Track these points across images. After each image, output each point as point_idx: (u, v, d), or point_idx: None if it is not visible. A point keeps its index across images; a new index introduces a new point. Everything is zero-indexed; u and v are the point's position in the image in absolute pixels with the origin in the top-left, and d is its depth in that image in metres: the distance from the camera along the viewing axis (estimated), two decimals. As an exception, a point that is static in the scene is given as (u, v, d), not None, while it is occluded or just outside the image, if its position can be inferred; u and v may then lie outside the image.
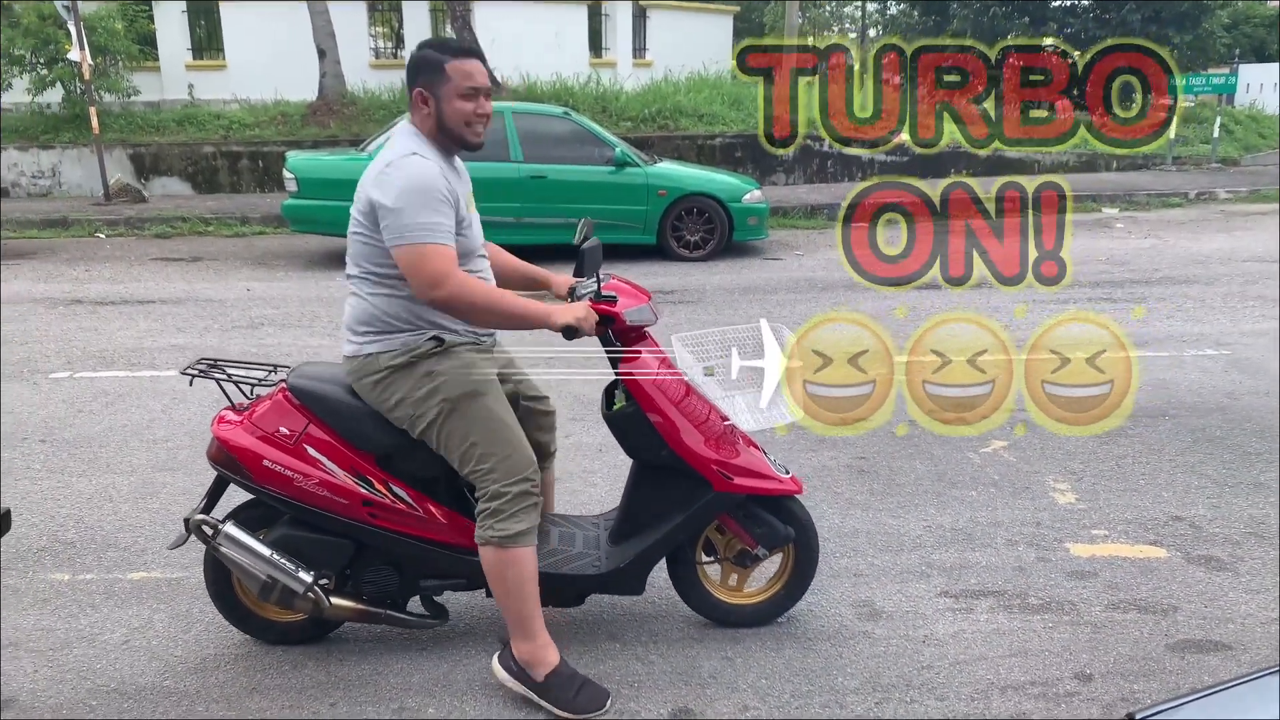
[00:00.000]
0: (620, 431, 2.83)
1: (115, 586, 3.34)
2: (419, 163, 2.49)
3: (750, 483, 2.82)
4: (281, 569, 2.65)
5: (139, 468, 4.38)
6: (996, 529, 3.70)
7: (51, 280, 8.86)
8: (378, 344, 2.62)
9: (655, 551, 2.85)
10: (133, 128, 14.95)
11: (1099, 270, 8.75)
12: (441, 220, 2.45)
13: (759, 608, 3.04)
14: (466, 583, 2.83)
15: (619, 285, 2.81)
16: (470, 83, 2.53)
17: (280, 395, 2.74)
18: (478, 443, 2.57)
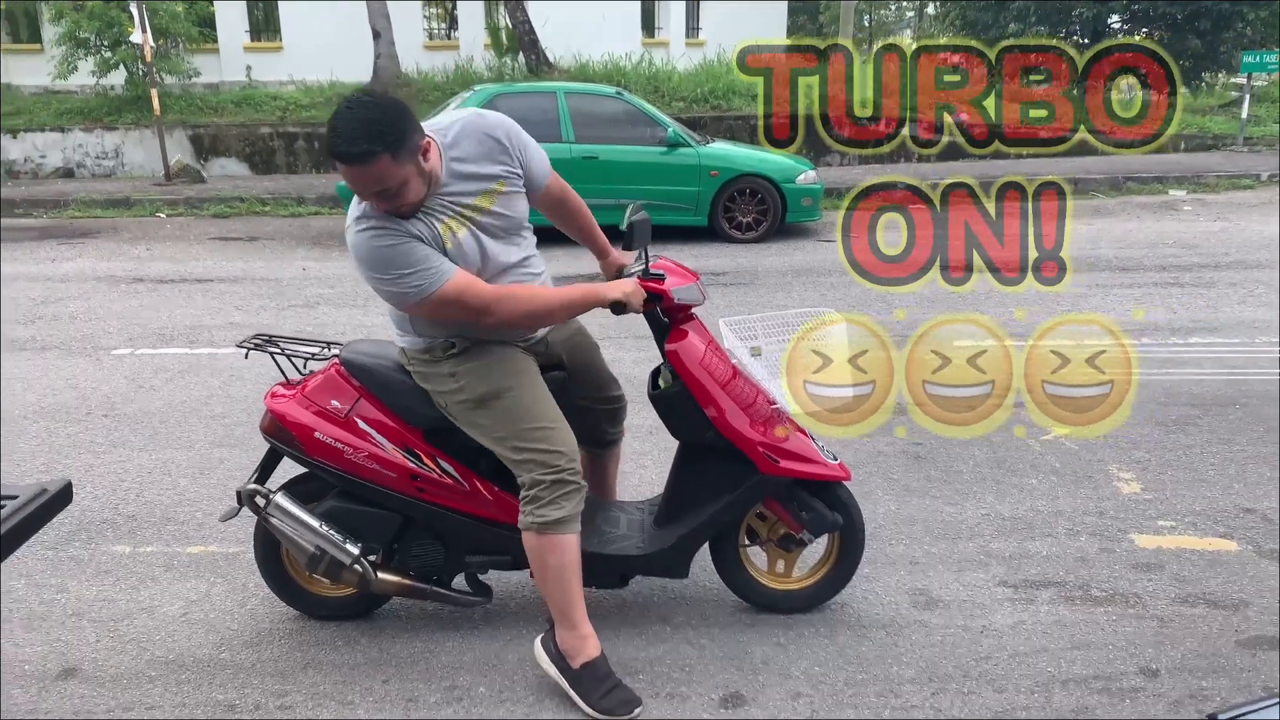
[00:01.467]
0: (665, 412, 2.80)
1: (174, 560, 3.39)
2: (360, 237, 2.32)
3: (797, 467, 2.77)
4: (329, 540, 2.67)
5: (197, 443, 4.45)
6: (1057, 518, 3.61)
7: (114, 258, 9.05)
8: (405, 340, 2.65)
9: (699, 534, 2.82)
10: (192, 109, 15.21)
11: (1166, 254, 8.49)
12: (425, 263, 2.31)
13: (802, 593, 2.99)
14: (512, 561, 2.82)
15: (667, 265, 2.79)
16: (359, 190, 2.27)
17: (333, 370, 2.76)
18: (507, 437, 2.54)
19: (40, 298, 7.36)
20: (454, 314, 2.42)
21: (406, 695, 2.63)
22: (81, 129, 14.77)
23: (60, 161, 14.74)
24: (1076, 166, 13.68)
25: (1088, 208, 11.52)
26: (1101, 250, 8.74)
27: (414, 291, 2.33)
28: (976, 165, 14.26)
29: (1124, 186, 12.71)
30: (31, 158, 14.75)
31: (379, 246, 2.31)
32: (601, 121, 9.47)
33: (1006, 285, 7.33)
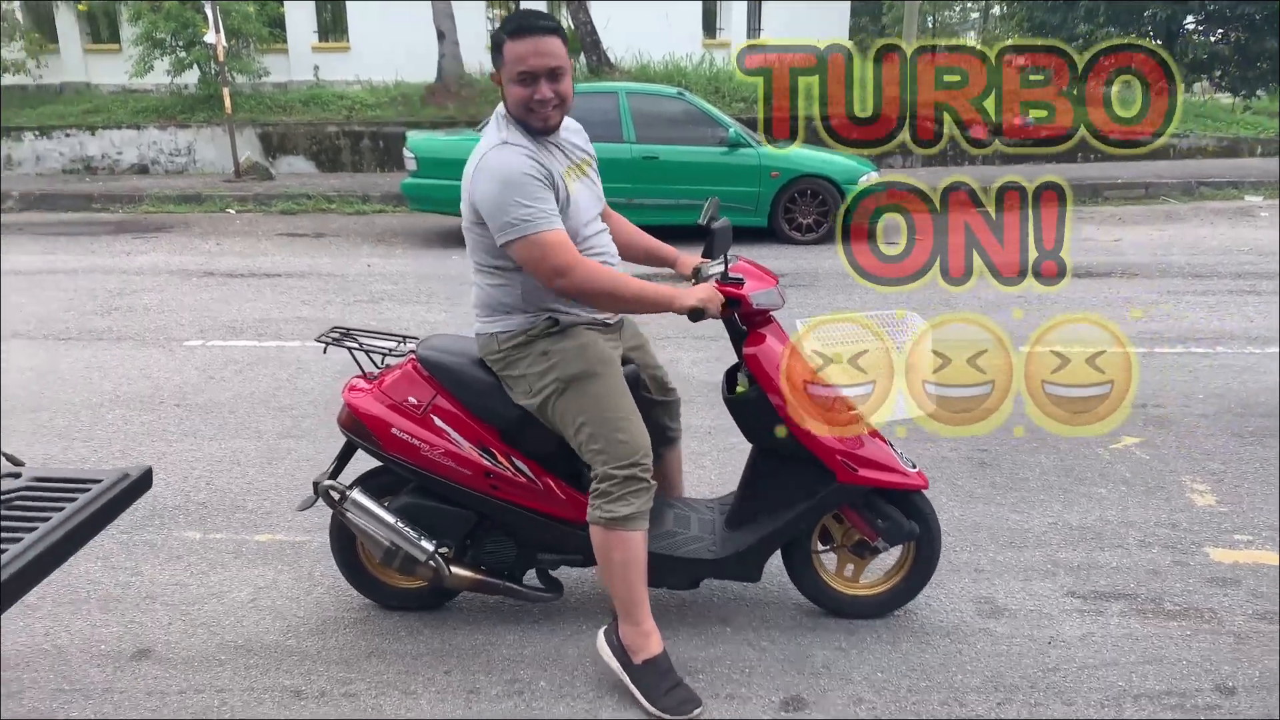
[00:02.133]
0: (742, 417, 2.79)
1: (243, 547, 3.47)
2: (506, 154, 2.43)
3: (875, 475, 2.75)
4: (405, 536, 2.71)
5: (265, 433, 4.54)
6: (1128, 529, 3.52)
7: (186, 252, 9.28)
8: (497, 324, 2.65)
9: (773, 539, 2.80)
10: (262, 108, 15.55)
11: (1241, 261, 8.24)
12: (542, 205, 2.40)
13: (874, 600, 2.96)
14: (582, 559, 2.84)
15: (746, 267, 2.77)
16: (522, 66, 2.39)
17: (409, 365, 2.79)
18: (588, 423, 2.55)
19: (116, 289, 7.58)
20: (535, 263, 2.42)
21: (468, 687, 2.65)
22: (156, 126, 15.18)
23: (135, 158, 15.18)
24: (1147, 170, 13.34)
25: (1158, 213, 11.23)
26: (1174, 257, 8.52)
27: (520, 224, 2.38)
28: (1041, 169, 13.96)
29: (1197, 191, 12.36)
30: (109, 154, 15.20)
31: (520, 170, 2.39)
32: (663, 122, 9.48)
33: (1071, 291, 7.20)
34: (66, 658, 2.80)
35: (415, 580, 2.91)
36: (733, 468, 4.05)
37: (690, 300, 2.51)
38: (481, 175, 2.45)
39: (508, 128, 2.51)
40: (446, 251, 9.32)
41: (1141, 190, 12.33)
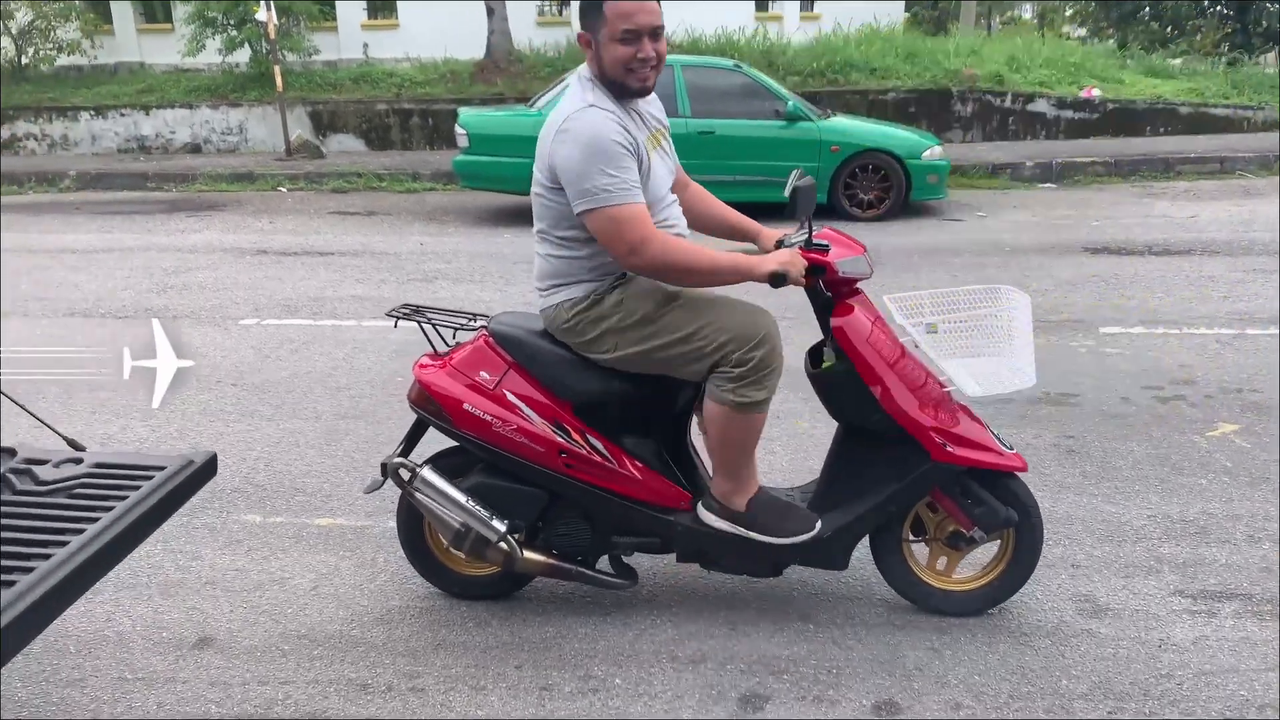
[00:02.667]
0: (828, 392, 2.64)
1: (304, 531, 3.38)
2: (594, 116, 2.36)
3: (971, 454, 2.57)
4: (476, 516, 2.60)
5: (323, 414, 4.46)
6: (1235, 523, 3.30)
7: (239, 231, 9.27)
8: (562, 294, 2.56)
9: (862, 524, 2.65)
10: (312, 86, 15.54)
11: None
12: (626, 176, 2.34)
13: (970, 596, 2.78)
14: (660, 544, 2.72)
15: (832, 234, 2.62)
16: (627, 24, 2.33)
17: (481, 340, 2.69)
18: (700, 327, 2.46)
19: (171, 268, 7.57)
20: (611, 236, 2.36)
21: (541, 683, 2.53)
22: (208, 105, 15.24)
23: (188, 137, 15.25)
24: (1221, 144, 12.82)
25: (1235, 188, 10.78)
26: (1256, 233, 8.13)
27: (601, 193, 2.30)
28: (1109, 143, 13.49)
29: (1275, 165, 11.83)
30: (162, 133, 15.30)
31: (608, 136, 2.31)
32: (718, 95, 9.24)
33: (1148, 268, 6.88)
34: (128, 645, 2.72)
35: (485, 566, 2.80)
36: (804, 454, 3.88)
37: (771, 264, 2.40)
38: (566, 138, 2.35)
39: (593, 90, 2.43)
40: (498, 230, 9.20)
41: (1216, 165, 11.83)
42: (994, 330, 2.66)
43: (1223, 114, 14.58)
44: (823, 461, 2.77)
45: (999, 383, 2.57)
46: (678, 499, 2.67)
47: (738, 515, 2.60)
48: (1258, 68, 18.58)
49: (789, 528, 2.59)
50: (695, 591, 2.95)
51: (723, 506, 2.61)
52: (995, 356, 2.67)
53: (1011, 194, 10.85)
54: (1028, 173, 11.70)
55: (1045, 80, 14.90)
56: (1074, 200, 10.27)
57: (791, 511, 2.62)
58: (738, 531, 2.60)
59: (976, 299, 2.69)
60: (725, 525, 2.61)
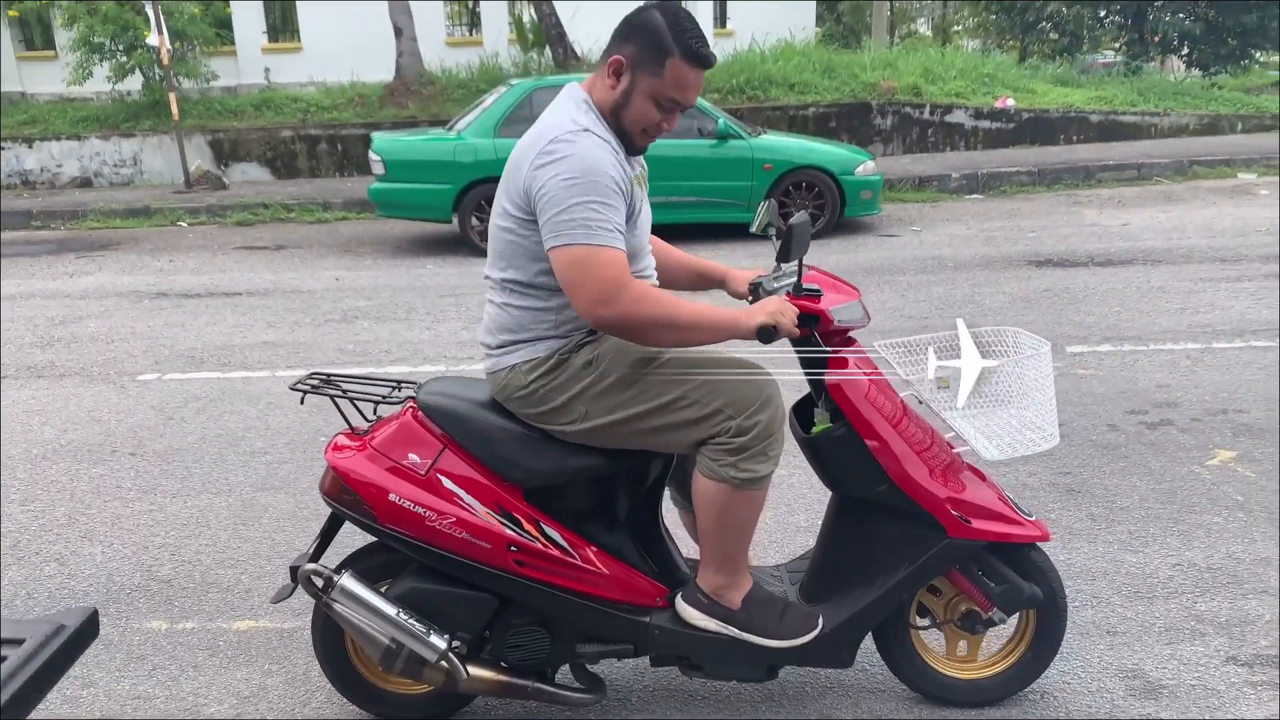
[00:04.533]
0: (825, 459, 2.26)
1: (219, 639, 2.86)
2: (590, 142, 1.99)
3: (991, 527, 2.23)
4: (409, 631, 2.14)
5: (237, 486, 3.92)
6: (1266, 568, 3.02)
7: (136, 272, 8.56)
8: (518, 354, 2.13)
9: (871, 613, 2.27)
10: (211, 113, 14.74)
11: (1264, 242, 7.84)
12: (611, 216, 1.97)
13: (991, 682, 2.42)
14: (633, 649, 2.29)
15: (820, 277, 2.25)
16: (677, 94, 2.04)
17: (408, 415, 2.23)
18: (688, 392, 2.08)
19: (58, 317, 6.86)
20: (578, 280, 1.96)
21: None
22: (98, 136, 14.32)
23: (77, 171, 14.30)
24: (1135, 151, 12.99)
25: (1156, 193, 10.86)
26: (1191, 240, 8.10)
27: (579, 227, 1.94)
28: (1029, 152, 13.60)
29: (1190, 170, 12.02)
30: (48, 167, 14.31)
31: (602, 167, 1.97)
32: (646, 114, 8.89)
33: (1096, 281, 6.74)
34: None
35: (422, 685, 2.33)
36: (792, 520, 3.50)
37: (759, 316, 2.03)
38: (553, 160, 1.96)
39: (588, 113, 2.05)
40: (421, 260, 8.68)
41: (1134, 171, 11.95)
42: (1007, 382, 2.31)
43: (1131, 120, 14.85)
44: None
45: (1018, 444, 2.23)
46: (653, 595, 2.25)
47: (729, 615, 2.21)
48: (1160, 75, 19.10)
49: (787, 627, 2.22)
50: (676, 693, 2.53)
51: (711, 603, 2.21)
52: (1007, 407, 2.33)
53: (941, 206, 10.75)
54: (954, 184, 11.64)
55: (960, 91, 14.98)
56: (1004, 211, 10.20)
57: (790, 608, 2.25)
58: (728, 633, 2.21)
59: (984, 345, 2.34)
60: (714, 625, 2.21)
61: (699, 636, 2.23)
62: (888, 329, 5.63)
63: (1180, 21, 18.78)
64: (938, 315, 6.05)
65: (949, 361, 2.33)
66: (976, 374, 2.31)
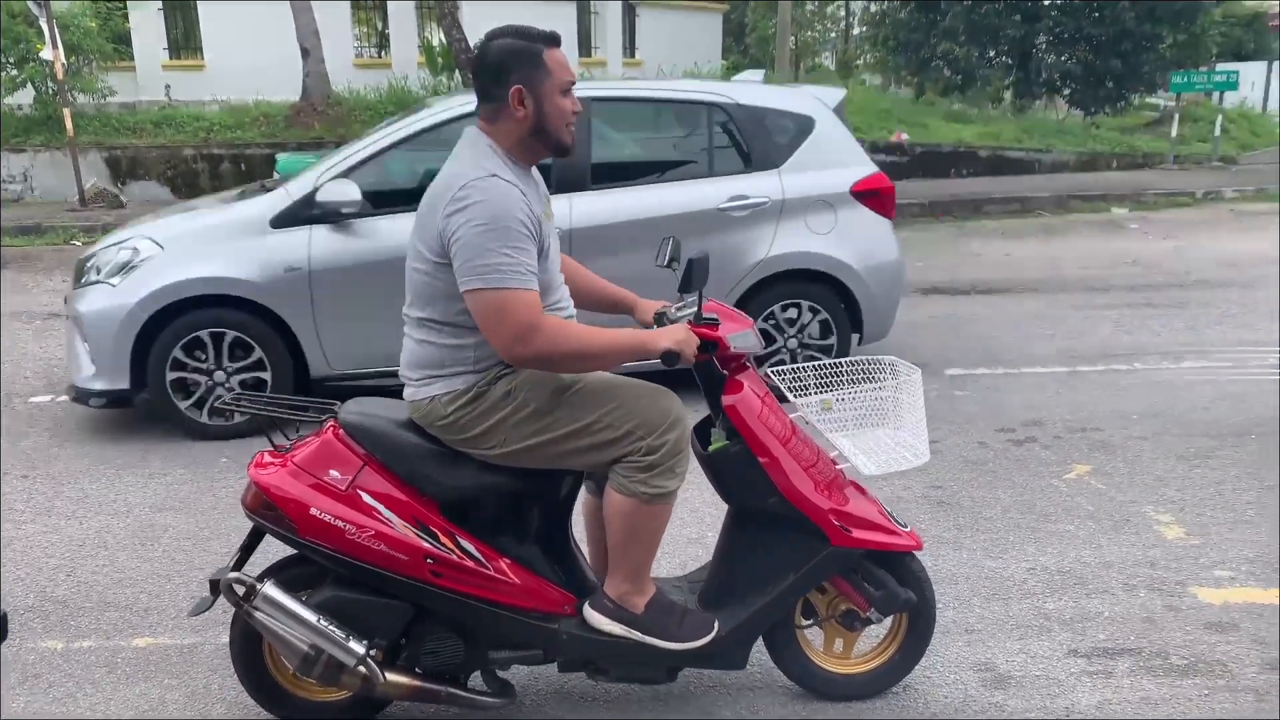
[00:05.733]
0: (721, 475, 2.45)
1: (117, 656, 2.89)
2: (499, 188, 2.12)
3: (870, 536, 2.44)
4: (329, 638, 2.24)
5: (135, 506, 3.92)
6: (1108, 570, 3.32)
7: (27, 292, 8.34)
8: (436, 386, 2.27)
9: (762, 618, 2.46)
10: (108, 130, 14.34)
11: (1130, 273, 8.43)
12: (522, 259, 2.11)
13: (866, 677, 2.64)
14: (542, 655, 2.43)
15: (717, 307, 2.45)
16: (569, 75, 2.23)
17: (330, 433, 2.34)
18: (599, 419, 2.24)
19: (-56, 337, 6.66)
20: (495, 322, 2.10)
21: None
22: (-14, 151, 13.81)
23: (-38, 186, 13.76)
24: (1020, 186, 13.74)
25: (1037, 226, 11.52)
26: (1065, 270, 8.65)
27: (493, 272, 2.07)
28: (921, 185, 14.23)
29: (1069, 205, 12.77)
30: (-70, 182, 13.73)
31: (512, 212, 2.10)
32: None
33: (977, 308, 7.15)
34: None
35: (338, 691, 2.43)
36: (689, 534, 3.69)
37: (665, 342, 2.21)
38: (462, 205, 2.10)
39: (493, 157, 2.20)
40: (325, 283, 8.64)
41: (1018, 204, 12.64)
42: (884, 406, 2.55)
43: (1016, 156, 15.69)
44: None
45: (894, 461, 2.47)
46: (561, 603, 2.40)
47: (633, 619, 2.36)
48: (1043, 113, 20.17)
49: (686, 631, 2.38)
50: (583, 698, 2.68)
51: (617, 608, 2.37)
52: (884, 428, 2.57)
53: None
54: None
55: (858, 125, 15.57)
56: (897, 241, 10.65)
57: (688, 614, 2.42)
58: (632, 636, 2.36)
59: (864, 371, 2.58)
60: (619, 629, 2.37)
61: (605, 641, 2.37)
62: (781, 353, 5.89)
63: (1062, 63, 19.87)
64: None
65: (829, 387, 2.56)
66: (853, 397, 2.55)
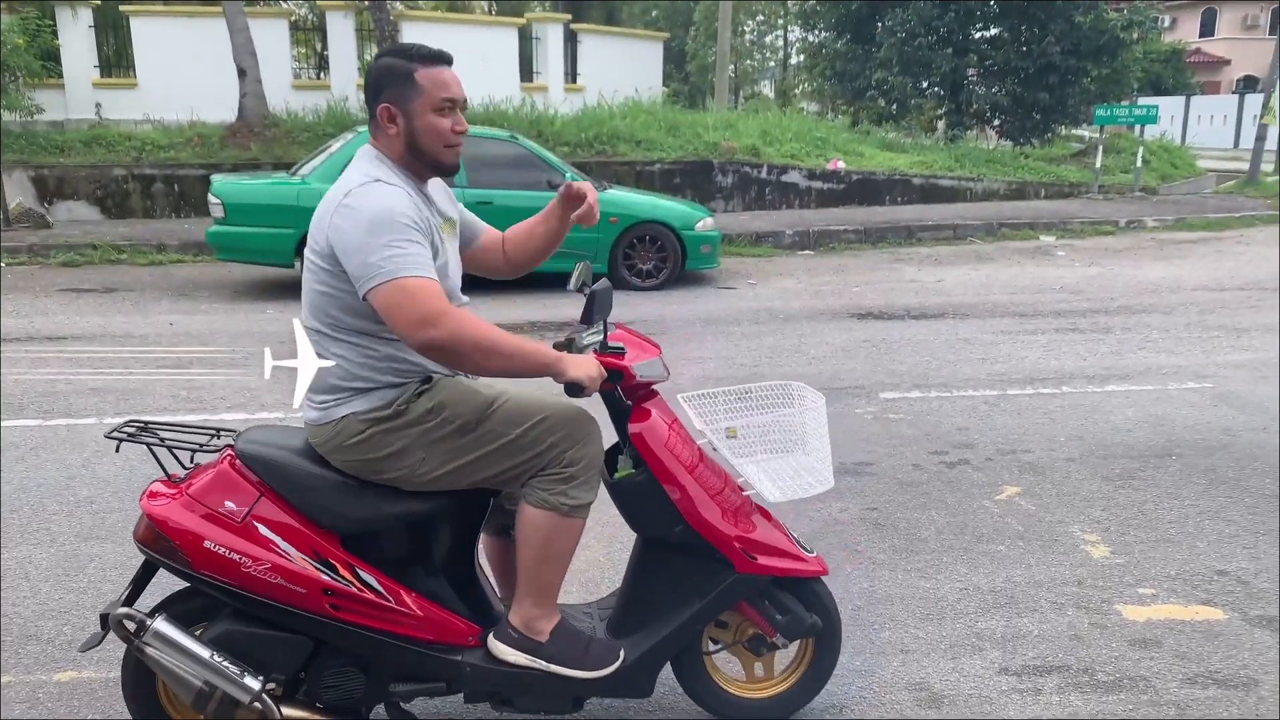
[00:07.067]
0: (627, 503, 2.44)
1: (40, 692, 2.80)
2: (377, 191, 2.13)
3: (775, 563, 2.45)
4: (223, 674, 2.18)
5: (59, 536, 3.80)
6: (1038, 590, 3.41)
7: (-54, 314, 8.05)
8: (354, 404, 2.23)
9: (668, 645, 2.46)
10: (35, 148, 13.98)
11: (1057, 299, 8.68)
12: (414, 250, 2.10)
13: (775, 701, 2.64)
14: (446, 687, 2.40)
15: (625, 335, 2.47)
16: (445, 93, 2.22)
17: (226, 464, 2.28)
18: (522, 435, 2.24)
19: None
20: (398, 310, 2.07)
21: None
22: (-97, 169, 13.35)
23: (-122, 204, 13.26)
24: (952, 213, 14.08)
25: (969, 253, 11.81)
26: (996, 296, 8.88)
27: (386, 264, 2.06)
28: (857, 212, 14.51)
29: (999, 232, 13.12)
30: None
31: (393, 210, 2.10)
32: (495, 166, 9.08)
33: (910, 333, 7.29)
34: None
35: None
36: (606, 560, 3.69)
37: (573, 371, 2.21)
38: (345, 213, 2.11)
39: (381, 166, 2.22)
40: (260, 304, 8.52)
41: (950, 231, 12.96)
42: (790, 432, 2.59)
43: (949, 184, 16.07)
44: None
45: (798, 487, 2.48)
46: (466, 634, 2.37)
47: (538, 648, 2.34)
48: (974, 143, 20.71)
49: (592, 659, 2.36)
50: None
51: (522, 637, 2.35)
52: (791, 454, 2.59)
53: (776, 261, 11.35)
54: (788, 241, 12.31)
55: (795, 153, 15.86)
56: (832, 266, 10.87)
57: (594, 642, 2.40)
58: (536, 666, 2.34)
59: (771, 397, 2.60)
60: (524, 659, 2.34)
61: (509, 673, 2.35)
62: (721, 376, 5.96)
63: (992, 95, 20.47)
64: (767, 363, 6.43)
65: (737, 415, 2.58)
66: (759, 425, 2.57)
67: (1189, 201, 16.70)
